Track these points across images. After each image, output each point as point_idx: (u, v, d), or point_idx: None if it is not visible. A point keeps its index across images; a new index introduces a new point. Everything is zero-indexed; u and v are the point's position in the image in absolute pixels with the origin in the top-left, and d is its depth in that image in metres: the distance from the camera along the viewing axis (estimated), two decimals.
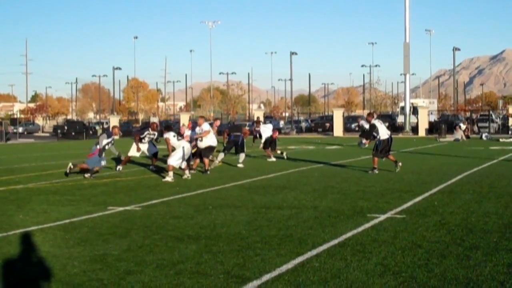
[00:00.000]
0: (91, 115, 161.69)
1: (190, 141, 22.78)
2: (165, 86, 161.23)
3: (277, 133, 30.86)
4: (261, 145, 30.33)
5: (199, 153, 23.62)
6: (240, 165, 25.43)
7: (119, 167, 24.26)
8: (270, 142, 29.96)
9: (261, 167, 24.92)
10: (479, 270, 8.29)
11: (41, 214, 13.62)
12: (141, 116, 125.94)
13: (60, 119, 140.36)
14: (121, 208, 14.30)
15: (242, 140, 26.48)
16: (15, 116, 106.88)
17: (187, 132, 23.28)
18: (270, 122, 43.47)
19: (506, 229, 11.05)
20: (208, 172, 22.58)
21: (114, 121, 74.86)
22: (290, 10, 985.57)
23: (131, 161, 28.55)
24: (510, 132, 63.08)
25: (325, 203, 14.66)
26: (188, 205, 14.65)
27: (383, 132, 22.53)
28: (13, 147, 52.82)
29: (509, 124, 66.98)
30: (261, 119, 67.25)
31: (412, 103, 75.47)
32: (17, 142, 64.05)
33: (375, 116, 23.57)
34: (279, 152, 30.05)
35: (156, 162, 25.10)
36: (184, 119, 75.99)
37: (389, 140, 22.60)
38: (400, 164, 22.46)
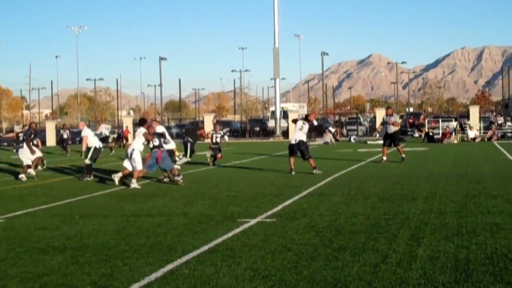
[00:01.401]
0: None
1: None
2: (29, 93, 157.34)
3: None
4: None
5: None
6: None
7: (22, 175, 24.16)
8: None
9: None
10: (347, 271, 8.50)
11: None
12: (4, 125, 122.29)
13: None
14: None
15: (192, 145, 27.89)
16: None
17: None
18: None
19: (373, 229, 11.37)
20: (180, 181, 20.50)
21: None
22: (159, 15, 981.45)
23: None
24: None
25: (195, 209, 14.68)
26: (54, 216, 14.33)
27: (293, 136, 23.98)
28: None
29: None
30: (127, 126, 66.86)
31: (283, 108, 76.68)
32: None
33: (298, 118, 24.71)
34: None
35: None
36: (50, 127, 74.23)
37: (294, 145, 23.51)
38: (317, 172, 22.86)
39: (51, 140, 70.52)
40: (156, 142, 20.46)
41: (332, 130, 60.77)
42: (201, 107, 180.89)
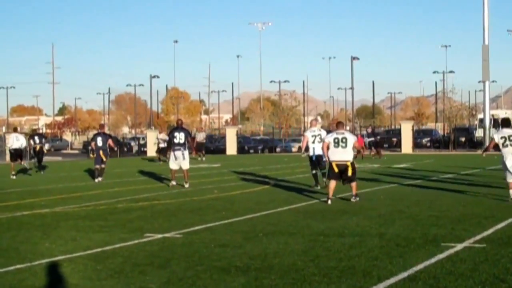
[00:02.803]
0: (125, 129, 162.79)
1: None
2: (209, 96, 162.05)
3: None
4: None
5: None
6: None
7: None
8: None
9: (318, 189, 24.81)
10: None
11: (69, 242, 13.77)
12: None
13: (91, 134, 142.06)
14: (159, 235, 14.39)
15: None
16: (41, 131, 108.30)
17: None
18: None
19: None
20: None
21: (151, 136, 75.20)
22: (350, 10, 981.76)
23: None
24: None
25: (392, 230, 14.57)
26: (235, 232, 14.68)
27: None
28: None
29: None
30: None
31: (493, 115, 74.56)
32: (43, 160, 64.61)
33: None
34: None
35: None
36: (231, 133, 75.70)
37: None
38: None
39: (231, 149, 72.12)
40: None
41: None
42: (397, 114, 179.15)
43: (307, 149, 25.98)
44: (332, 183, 20.46)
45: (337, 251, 12.20)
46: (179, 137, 26.93)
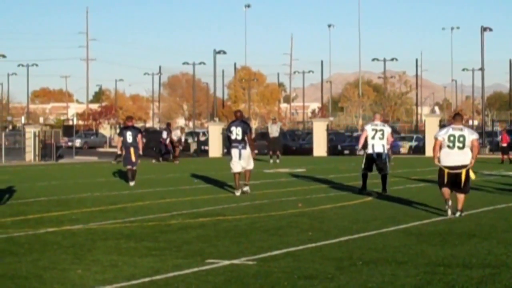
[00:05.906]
0: (181, 121, 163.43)
1: None
2: (290, 79, 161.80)
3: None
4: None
5: None
6: None
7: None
8: None
9: (436, 201, 24.61)
10: None
11: (108, 269, 13.89)
12: (255, 124, 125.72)
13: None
14: (226, 262, 14.44)
15: None
16: (71, 123, 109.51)
17: None
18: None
19: None
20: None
21: (214, 130, 75.16)
22: None
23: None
24: None
25: None
26: (325, 259, 14.66)
27: None
28: (67, 168, 54.07)
29: None
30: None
31: None
32: (74, 161, 65.55)
33: None
34: None
35: None
36: (320, 128, 75.26)
37: None
38: None
39: (320, 149, 71.84)
40: None
41: None
42: None
43: (365, 146, 27.51)
44: (446, 190, 20.84)
45: (462, 287, 12.10)
46: (236, 132, 27.97)
